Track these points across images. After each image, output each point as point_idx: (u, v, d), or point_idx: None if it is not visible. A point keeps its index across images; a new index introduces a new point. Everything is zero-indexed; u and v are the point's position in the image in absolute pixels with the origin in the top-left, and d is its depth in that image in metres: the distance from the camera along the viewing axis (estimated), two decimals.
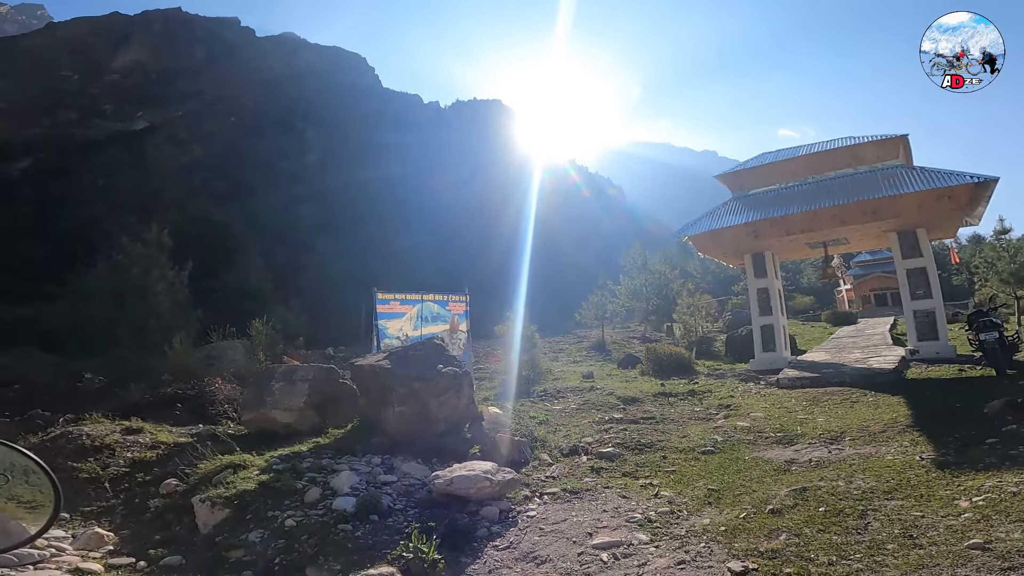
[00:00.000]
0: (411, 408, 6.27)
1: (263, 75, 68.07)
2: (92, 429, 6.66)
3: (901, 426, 6.38)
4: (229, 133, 62.56)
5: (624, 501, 4.98)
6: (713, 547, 3.72)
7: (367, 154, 59.01)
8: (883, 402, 7.93)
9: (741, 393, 10.06)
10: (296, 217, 49.69)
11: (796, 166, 14.68)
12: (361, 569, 3.74)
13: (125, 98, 62.56)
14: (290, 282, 33.43)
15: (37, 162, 53.18)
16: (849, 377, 10.25)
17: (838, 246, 16.52)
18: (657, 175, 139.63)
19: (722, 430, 7.38)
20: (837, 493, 4.37)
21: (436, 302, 11.87)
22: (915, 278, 12.90)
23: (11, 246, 37.53)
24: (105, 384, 10.72)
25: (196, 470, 5.35)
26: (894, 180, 12.55)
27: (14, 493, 1.35)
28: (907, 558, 3.14)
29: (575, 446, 6.83)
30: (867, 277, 44.26)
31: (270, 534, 4.26)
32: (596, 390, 10.49)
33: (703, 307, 20.38)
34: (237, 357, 12.50)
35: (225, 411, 8.58)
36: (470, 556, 4.09)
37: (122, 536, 4.57)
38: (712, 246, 15.45)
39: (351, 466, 5.45)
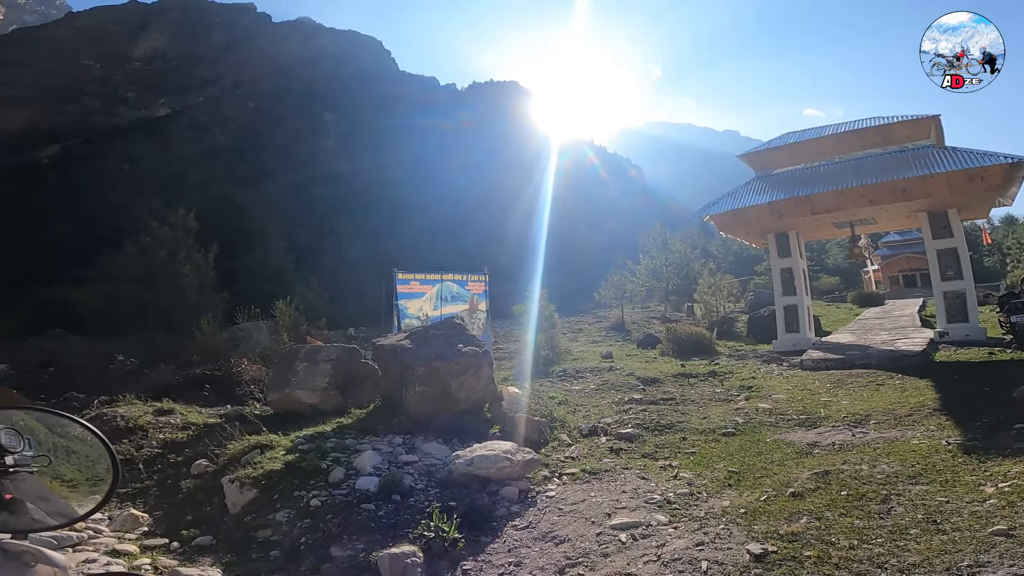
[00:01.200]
0: (432, 388, 6.35)
1: (280, 60, 68.24)
2: (126, 411, 6.88)
3: (928, 410, 6.27)
4: (248, 118, 63.08)
5: (643, 482, 5.00)
6: (732, 529, 3.72)
7: (384, 137, 59.02)
8: (910, 385, 7.78)
9: (763, 374, 9.96)
10: (314, 199, 50.12)
11: (822, 146, 14.35)
12: (384, 548, 3.82)
13: (147, 85, 63.39)
14: (310, 264, 33.86)
15: (64, 149, 54.39)
16: (875, 359, 10.07)
17: (865, 226, 16.14)
18: (678, 155, 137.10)
19: (743, 412, 7.34)
20: (860, 477, 4.32)
21: (455, 282, 11.92)
22: (945, 259, 12.64)
23: (40, 231, 38.60)
24: (136, 366, 11.03)
25: (225, 451, 5.49)
26: (925, 160, 12.26)
27: (60, 472, 1.38)
28: (930, 543, 3.11)
29: (594, 427, 6.85)
30: (896, 258, 43.20)
31: (296, 513, 4.38)
32: (615, 370, 10.48)
33: (725, 287, 20.15)
34: (262, 338, 12.75)
35: (251, 392, 8.78)
36: (490, 535, 4.16)
37: (156, 517, 4.73)
38: (734, 226, 15.24)
39: (373, 446, 5.55)
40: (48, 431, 1.42)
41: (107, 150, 54.01)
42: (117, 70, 63.61)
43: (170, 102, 63.52)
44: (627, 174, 73.04)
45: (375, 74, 71.57)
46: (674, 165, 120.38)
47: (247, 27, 71.79)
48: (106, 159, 51.66)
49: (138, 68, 64.92)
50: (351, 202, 50.12)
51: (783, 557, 3.17)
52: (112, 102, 62.04)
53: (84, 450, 1.43)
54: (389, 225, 45.99)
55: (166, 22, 68.61)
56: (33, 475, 1.28)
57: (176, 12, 69.15)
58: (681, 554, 3.45)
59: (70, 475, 1.39)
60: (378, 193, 51.80)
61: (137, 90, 63.47)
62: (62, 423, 1.42)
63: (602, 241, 45.83)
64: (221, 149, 58.67)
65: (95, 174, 47.38)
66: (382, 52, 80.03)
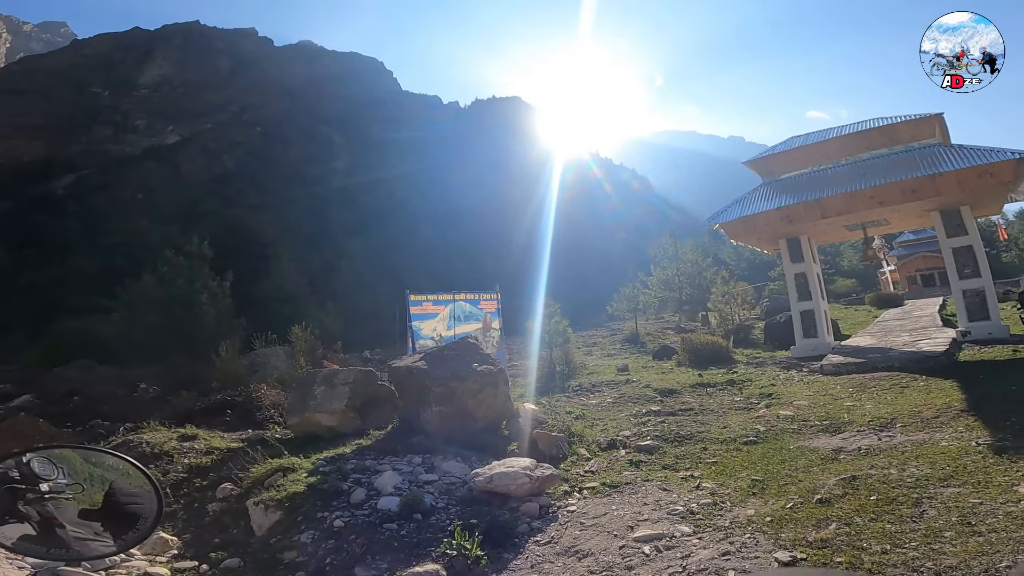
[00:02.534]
0: (449, 407, 6.36)
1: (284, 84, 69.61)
2: (151, 437, 6.97)
3: (955, 411, 6.15)
4: (257, 142, 64.25)
5: (665, 494, 4.95)
6: (759, 538, 3.67)
7: (391, 157, 59.80)
8: (935, 386, 7.65)
9: (783, 381, 9.84)
10: (326, 222, 50.76)
11: (828, 149, 14.34)
12: (407, 567, 3.82)
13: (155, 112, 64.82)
14: (324, 286, 34.22)
15: (79, 179, 55.73)
16: (898, 361, 9.92)
17: (877, 227, 16.01)
18: (684, 164, 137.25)
19: (764, 420, 7.25)
20: (889, 481, 4.25)
21: (468, 301, 11.98)
22: (961, 257, 12.51)
23: (64, 261, 39.45)
24: (159, 393, 11.18)
25: (248, 474, 5.54)
26: (932, 159, 12.23)
27: (95, 500, 1.40)
28: (966, 545, 3.05)
29: (613, 440, 6.81)
30: (912, 257, 42.67)
31: (320, 535, 4.40)
32: (632, 383, 10.42)
33: (739, 295, 20.03)
34: (279, 363, 12.86)
35: (271, 416, 8.85)
36: (512, 552, 4.14)
37: (184, 540, 4.77)
38: (745, 233, 15.17)
39: (393, 466, 5.57)
40: (83, 461, 1.45)
41: (122, 179, 55.22)
42: (126, 98, 65.18)
43: (179, 129, 64.92)
44: (633, 184, 73.15)
45: (378, 95, 72.83)
46: (681, 173, 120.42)
47: (250, 52, 73.45)
48: (121, 188, 52.84)
49: (146, 95, 66.46)
50: (362, 222, 50.73)
51: (813, 564, 3.13)
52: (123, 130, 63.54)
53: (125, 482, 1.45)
54: (400, 243, 46.43)
55: (171, 48, 70.29)
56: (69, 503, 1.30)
57: (180, 38, 70.92)
58: (707, 564, 3.41)
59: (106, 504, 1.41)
60: (388, 212, 52.41)
61: (147, 117, 64.94)
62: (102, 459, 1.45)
63: (612, 253, 45.83)
64: (231, 175, 59.73)
65: (112, 203, 48.48)
66: (384, 73, 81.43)
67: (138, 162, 58.29)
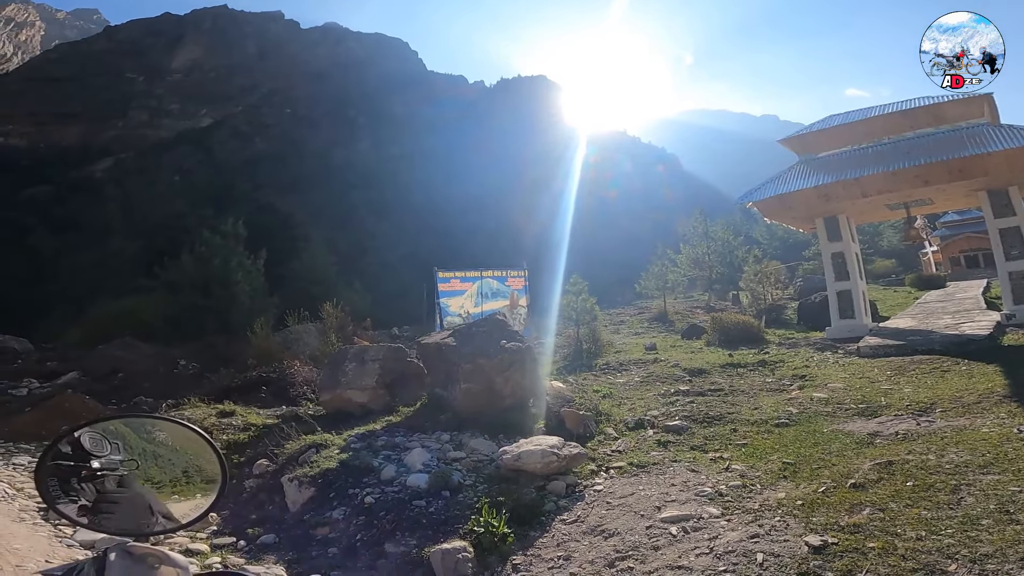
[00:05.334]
0: (477, 384, 6.42)
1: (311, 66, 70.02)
2: (192, 413, 7.24)
3: (997, 396, 5.93)
4: (286, 125, 65.00)
5: (693, 475, 4.93)
6: (789, 521, 3.63)
7: (416, 137, 59.81)
8: (977, 371, 7.38)
9: (817, 363, 9.63)
10: (354, 203, 51.26)
11: (870, 127, 13.85)
12: (435, 544, 3.91)
13: (188, 96, 66.03)
14: (353, 266, 34.68)
15: (117, 163, 57.39)
16: (939, 344, 9.58)
17: (921, 207, 15.38)
18: (714, 143, 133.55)
19: (797, 402, 7.12)
20: (927, 467, 4.14)
21: (495, 278, 12.01)
22: (1009, 238, 12.03)
23: (104, 243, 40.84)
24: (198, 370, 11.57)
25: (283, 450, 5.71)
26: (981, 138, 11.75)
27: (150, 475, 1.41)
28: (1003, 534, 2.96)
29: (640, 419, 6.79)
30: (955, 238, 40.90)
31: (351, 511, 4.53)
32: (660, 362, 10.34)
33: (771, 274, 19.53)
34: (311, 340, 13.15)
35: (304, 392, 9.08)
36: (538, 530, 4.19)
37: (223, 516, 4.97)
38: (779, 211, 14.82)
39: (422, 443, 5.67)
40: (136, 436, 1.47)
41: (158, 162, 56.66)
42: (159, 82, 66.54)
43: (211, 112, 66.12)
44: (661, 163, 71.66)
45: (404, 75, 72.67)
46: (711, 152, 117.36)
47: (277, 35, 73.95)
48: (158, 171, 54.22)
49: (179, 80, 67.73)
50: (388, 203, 51.10)
51: (844, 549, 3.08)
52: (157, 114, 65.02)
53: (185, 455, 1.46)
54: (426, 223, 46.65)
55: (200, 32, 71.28)
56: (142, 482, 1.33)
57: (209, 22, 71.76)
58: (735, 546, 3.40)
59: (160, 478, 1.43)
60: (414, 192, 52.60)
61: (180, 101, 66.26)
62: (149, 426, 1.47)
63: (640, 232, 45.16)
64: (263, 157, 60.66)
65: (149, 186, 49.79)
66: (409, 53, 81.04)
67: (173, 145, 59.68)
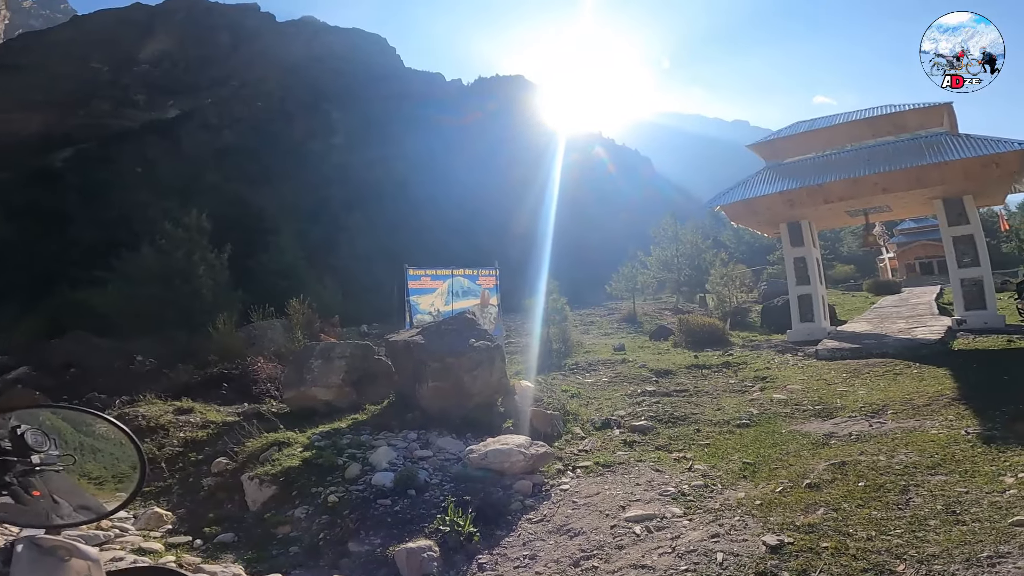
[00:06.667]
0: (445, 383, 6.39)
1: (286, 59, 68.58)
2: (147, 410, 7.01)
3: (946, 399, 6.19)
4: (258, 118, 63.54)
5: (657, 475, 5.00)
6: (748, 521, 3.72)
7: (392, 133, 59.17)
8: (928, 374, 7.68)
9: (777, 365, 9.89)
10: (326, 197, 50.41)
11: (833, 134, 14.22)
12: (400, 542, 3.87)
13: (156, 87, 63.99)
14: (323, 261, 34.12)
15: (78, 152, 55.20)
16: (892, 348, 9.95)
17: (879, 214, 15.94)
18: (688, 146, 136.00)
19: (758, 403, 7.30)
20: (878, 468, 4.29)
21: (466, 276, 11.95)
22: (962, 245, 12.52)
23: (62, 233, 39.23)
24: (155, 366, 11.21)
25: (244, 448, 5.58)
26: (939, 147, 12.17)
27: (87, 470, 1.40)
28: (949, 534, 3.09)
29: (607, 419, 6.86)
30: (911, 245, 42.61)
31: (314, 510, 4.45)
32: (628, 363, 10.47)
33: (737, 277, 20.00)
34: (276, 336, 12.89)
35: (267, 390, 8.89)
36: (504, 529, 4.19)
37: (179, 515, 4.83)
38: (746, 215, 15.12)
39: (388, 442, 5.61)
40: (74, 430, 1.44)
41: (121, 152, 54.70)
42: (126, 73, 64.29)
43: (179, 103, 64.19)
44: (636, 166, 72.53)
45: (381, 71, 71.78)
46: (684, 156, 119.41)
47: (252, 27, 72.24)
48: (121, 161, 52.36)
49: (146, 70, 65.59)
50: (362, 198, 50.42)
51: (800, 548, 3.16)
52: (122, 104, 62.79)
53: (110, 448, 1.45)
54: (400, 220, 46.20)
55: (172, 23, 69.15)
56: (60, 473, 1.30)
57: (182, 13, 69.66)
58: (696, 546, 3.46)
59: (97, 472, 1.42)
60: (389, 189, 52.03)
61: (147, 92, 64.15)
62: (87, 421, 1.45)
63: (613, 233, 45.63)
64: (232, 149, 59.15)
65: (111, 177, 48.06)
66: (387, 49, 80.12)
67: (138, 136, 57.65)
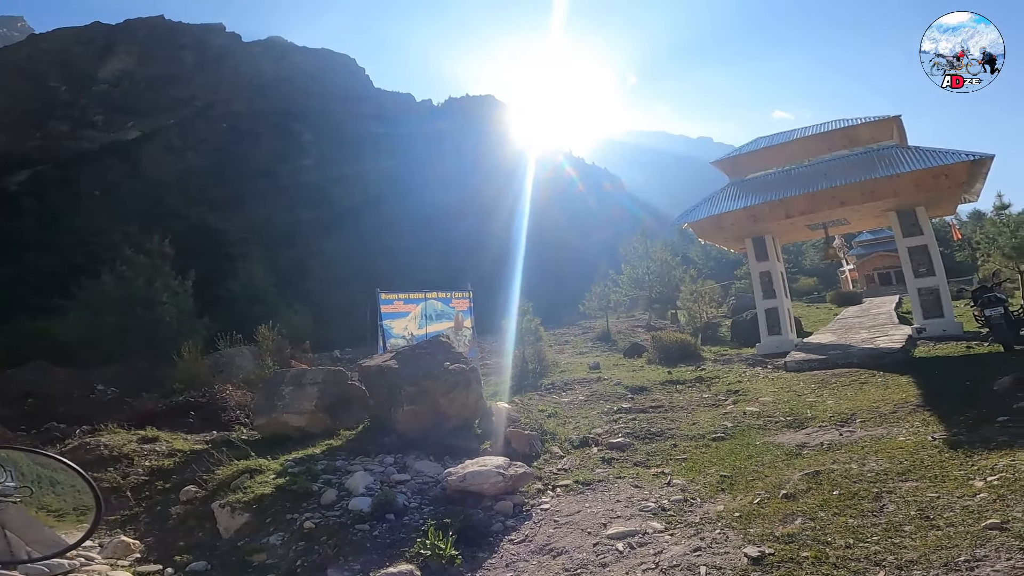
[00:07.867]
0: (421, 406, 6.31)
1: (254, 80, 68.01)
2: (109, 439, 6.72)
3: (911, 406, 6.37)
4: (224, 139, 62.57)
5: (637, 491, 5.00)
6: (728, 533, 3.74)
7: (363, 155, 59.02)
8: (892, 382, 7.92)
9: (749, 378, 10.06)
10: (297, 220, 49.81)
11: (792, 149, 14.65)
12: (380, 568, 3.78)
13: (115, 107, 62.51)
14: (295, 285, 33.57)
15: (35, 175, 53.35)
16: (857, 358, 10.24)
17: (838, 227, 16.50)
18: (655, 163, 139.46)
19: (731, 416, 7.39)
20: (851, 476, 4.38)
21: (439, 300, 11.91)
22: (917, 256, 12.89)
23: (19, 260, 37.67)
24: (118, 394, 10.79)
25: (214, 476, 5.40)
26: (890, 160, 12.56)
27: (44, 502, 1.36)
28: (925, 539, 3.15)
29: (585, 437, 6.85)
30: (870, 256, 44.25)
31: (290, 536, 4.31)
32: (603, 380, 10.51)
33: (706, 293, 20.40)
34: (245, 363, 12.57)
35: (237, 417, 8.64)
36: (486, 551, 4.12)
37: (147, 543, 4.63)
38: (712, 232, 15.43)
39: (365, 466, 5.50)
40: (31, 463, 1.41)
41: (80, 175, 53.15)
42: (84, 93, 62.77)
43: (140, 124, 62.76)
44: (604, 184, 73.86)
45: (351, 92, 71.84)
46: (652, 172, 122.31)
47: (218, 47, 71.57)
48: (79, 184, 50.85)
49: (106, 90, 64.11)
50: (334, 221, 49.98)
51: (781, 559, 3.19)
52: (81, 125, 61.14)
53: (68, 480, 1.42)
54: (373, 242, 45.88)
55: (133, 42, 67.96)
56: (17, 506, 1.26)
57: (143, 32, 68.65)
58: (679, 560, 3.46)
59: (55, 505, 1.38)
60: (360, 211, 51.71)
61: (106, 112, 62.60)
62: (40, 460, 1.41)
63: (585, 251, 46.17)
64: (197, 172, 58.02)
65: (70, 200, 46.59)
66: (357, 70, 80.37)
67: (97, 158, 56.09)
